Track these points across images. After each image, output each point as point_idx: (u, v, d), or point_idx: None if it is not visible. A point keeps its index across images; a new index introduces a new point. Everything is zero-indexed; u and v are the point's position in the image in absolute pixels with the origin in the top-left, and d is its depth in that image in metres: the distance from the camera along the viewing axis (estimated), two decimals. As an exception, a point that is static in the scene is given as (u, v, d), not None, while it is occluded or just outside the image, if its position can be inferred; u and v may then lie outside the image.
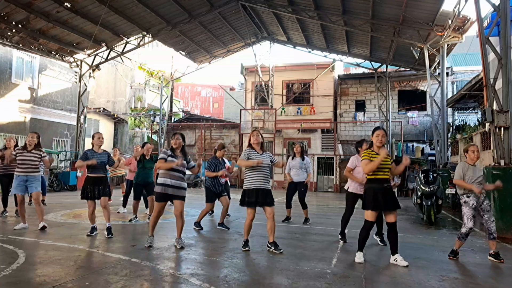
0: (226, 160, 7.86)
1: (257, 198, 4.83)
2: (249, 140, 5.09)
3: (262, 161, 4.82)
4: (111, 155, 6.17)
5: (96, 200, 5.76)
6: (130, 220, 7.25)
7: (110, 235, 5.55)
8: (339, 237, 5.78)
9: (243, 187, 5.01)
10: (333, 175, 19.39)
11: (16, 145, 7.51)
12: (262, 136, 5.12)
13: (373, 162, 4.33)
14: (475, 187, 4.69)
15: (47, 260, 4.21)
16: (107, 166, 5.95)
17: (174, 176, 4.97)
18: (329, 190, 19.30)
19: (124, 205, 8.61)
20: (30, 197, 9.31)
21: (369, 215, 4.43)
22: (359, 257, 4.48)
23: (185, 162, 5.06)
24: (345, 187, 5.78)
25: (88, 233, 5.71)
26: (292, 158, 7.59)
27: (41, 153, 6.22)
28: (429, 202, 7.81)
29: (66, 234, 5.74)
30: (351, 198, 5.61)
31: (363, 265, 4.34)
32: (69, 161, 16.68)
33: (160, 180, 4.99)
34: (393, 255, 4.46)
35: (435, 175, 8.41)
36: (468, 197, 4.78)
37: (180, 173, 5.03)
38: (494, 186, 5.15)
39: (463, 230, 4.76)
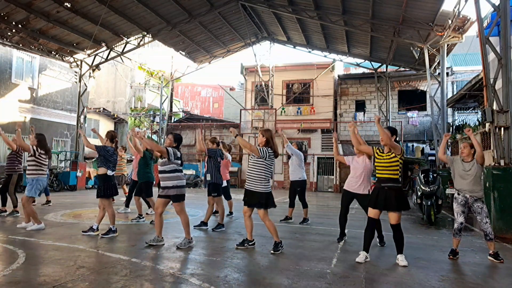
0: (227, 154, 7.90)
1: (245, 197, 4.99)
2: (268, 136, 4.96)
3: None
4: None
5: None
6: (132, 220, 7.24)
7: (103, 235, 5.55)
8: (338, 237, 5.79)
9: None
10: (333, 175, 19.38)
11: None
12: (263, 135, 4.98)
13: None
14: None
15: (47, 260, 4.21)
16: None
17: (161, 176, 5.09)
18: (329, 190, 19.30)
19: (127, 205, 8.60)
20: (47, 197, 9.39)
21: (371, 211, 4.57)
22: (361, 256, 4.48)
23: (165, 160, 5.07)
24: None
25: (84, 230, 5.79)
26: (289, 157, 7.66)
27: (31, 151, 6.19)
28: (429, 202, 7.82)
29: (66, 234, 5.74)
30: (345, 196, 5.68)
31: (363, 265, 4.34)
32: (69, 161, 16.67)
33: None
34: (397, 254, 4.49)
35: (435, 175, 8.41)
36: (458, 194, 4.89)
37: (164, 174, 5.06)
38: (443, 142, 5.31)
39: (455, 225, 4.86)
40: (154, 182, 7.69)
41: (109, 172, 5.76)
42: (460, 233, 4.82)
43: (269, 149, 4.86)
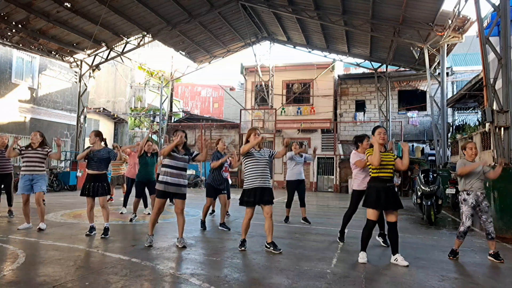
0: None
1: (255, 197, 4.84)
2: (248, 136, 5.07)
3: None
4: (111, 150, 6.04)
5: (96, 198, 5.75)
6: (131, 220, 7.26)
7: (104, 235, 5.52)
8: (338, 235, 5.76)
9: (243, 187, 5.02)
10: (333, 175, 19.38)
11: (7, 146, 7.43)
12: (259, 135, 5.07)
13: (374, 151, 4.36)
14: (478, 163, 4.73)
15: (47, 260, 4.21)
16: (111, 161, 5.92)
17: (174, 173, 4.98)
18: (329, 190, 19.29)
19: (125, 204, 8.61)
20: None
21: (371, 213, 4.45)
22: (362, 257, 4.46)
23: (186, 157, 5.08)
24: (350, 187, 5.76)
25: (87, 232, 5.70)
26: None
27: (47, 150, 6.22)
28: (429, 202, 7.81)
29: (66, 234, 5.74)
30: (356, 196, 5.51)
31: (363, 265, 4.34)
32: (69, 161, 16.67)
33: (160, 177, 4.99)
34: (393, 254, 4.47)
35: (435, 175, 8.40)
36: (468, 194, 4.76)
37: (180, 171, 5.03)
38: (499, 167, 4.85)
39: (462, 228, 4.78)
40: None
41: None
42: (465, 236, 4.79)
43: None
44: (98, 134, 5.86)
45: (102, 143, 5.90)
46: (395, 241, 4.45)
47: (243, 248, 4.93)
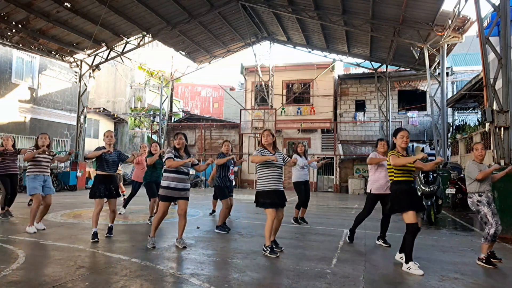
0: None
1: (274, 199, 4.73)
2: (260, 140, 5.06)
3: (276, 159, 4.69)
4: (122, 152, 6.01)
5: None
6: (150, 220, 7.08)
7: (109, 234, 5.56)
8: (348, 234, 5.72)
9: (257, 188, 4.91)
10: (333, 175, 19.38)
11: (14, 145, 7.45)
12: (273, 135, 5.00)
13: (406, 158, 4.25)
14: (494, 167, 4.80)
15: (47, 260, 4.22)
16: (121, 162, 5.88)
17: (177, 178, 4.96)
18: (329, 190, 19.30)
19: (125, 205, 8.56)
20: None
21: (411, 217, 4.17)
22: (415, 268, 4.07)
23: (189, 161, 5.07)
24: (367, 190, 5.57)
25: (96, 239, 5.24)
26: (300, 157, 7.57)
27: (53, 153, 6.37)
28: (429, 202, 7.81)
29: (66, 234, 5.74)
30: (372, 199, 5.43)
31: (363, 265, 4.34)
32: (69, 161, 16.66)
33: (163, 183, 4.98)
34: (399, 253, 4.47)
35: (435, 175, 8.40)
36: (480, 196, 4.61)
37: (183, 175, 5.02)
38: (505, 172, 4.89)
39: (492, 230, 4.42)
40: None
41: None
42: (496, 238, 4.52)
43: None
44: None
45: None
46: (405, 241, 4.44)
47: (270, 255, 4.61)
